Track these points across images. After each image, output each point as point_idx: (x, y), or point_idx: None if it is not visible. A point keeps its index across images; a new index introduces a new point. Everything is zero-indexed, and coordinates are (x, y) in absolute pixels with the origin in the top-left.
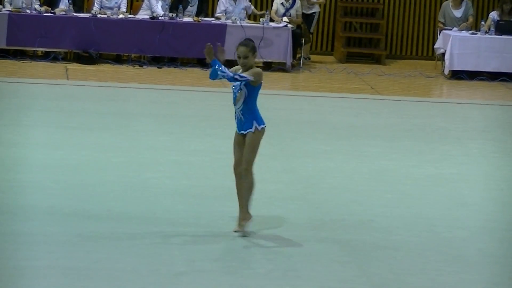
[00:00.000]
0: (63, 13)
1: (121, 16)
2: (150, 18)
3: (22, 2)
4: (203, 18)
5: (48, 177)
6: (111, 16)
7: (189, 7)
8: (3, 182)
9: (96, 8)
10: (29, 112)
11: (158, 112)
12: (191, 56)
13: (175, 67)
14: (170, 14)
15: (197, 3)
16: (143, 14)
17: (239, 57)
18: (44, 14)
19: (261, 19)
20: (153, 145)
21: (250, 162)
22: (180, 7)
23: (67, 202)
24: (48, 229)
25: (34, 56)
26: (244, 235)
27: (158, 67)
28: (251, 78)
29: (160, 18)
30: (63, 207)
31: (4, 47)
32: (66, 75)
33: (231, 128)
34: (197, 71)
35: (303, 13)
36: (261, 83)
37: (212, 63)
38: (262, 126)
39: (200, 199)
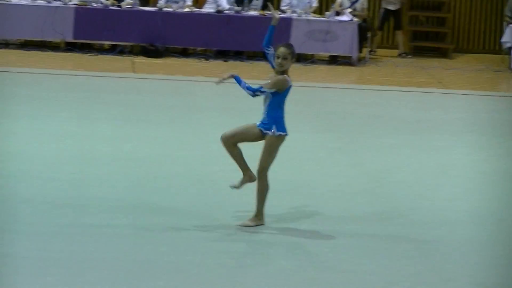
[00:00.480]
0: (129, 6)
1: (187, 9)
2: (216, 11)
3: None
4: (268, 12)
5: (116, 171)
6: (177, 10)
7: (254, 0)
8: (72, 175)
9: (162, 1)
10: (96, 106)
11: (224, 106)
12: (257, 49)
13: (241, 61)
14: (236, 8)
15: None
16: (208, 8)
17: (278, 57)
18: (111, 8)
19: (326, 13)
20: (217, 138)
21: (265, 167)
22: (246, 0)
23: (134, 195)
24: (116, 221)
25: (100, 50)
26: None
27: (224, 61)
28: (269, 91)
29: (225, 11)
30: (130, 200)
31: (71, 40)
32: (133, 68)
33: (296, 122)
34: (263, 64)
35: (388, 9)
36: (288, 89)
37: (236, 79)
38: (281, 133)
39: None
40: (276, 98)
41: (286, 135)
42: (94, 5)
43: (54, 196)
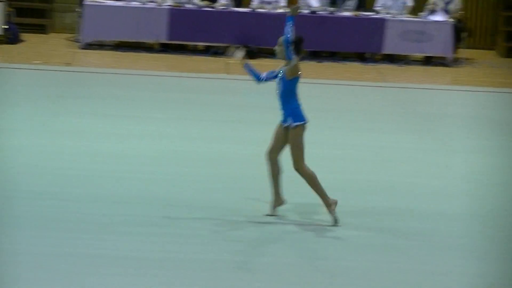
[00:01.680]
0: (223, 7)
1: (280, 10)
2: (310, 12)
3: None
4: (362, 12)
5: (212, 171)
6: (270, 10)
7: (348, 1)
8: (163, 175)
9: (255, 2)
10: (190, 106)
11: (318, 107)
12: (351, 50)
13: (334, 61)
14: (329, 8)
15: None
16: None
17: (277, 44)
18: (204, 9)
19: (420, 13)
20: (315, 140)
21: (297, 160)
22: (340, 1)
23: (228, 196)
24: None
25: (194, 51)
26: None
27: (318, 62)
28: (289, 79)
29: (319, 12)
30: (224, 201)
31: (166, 41)
32: (226, 69)
33: (391, 123)
34: (356, 65)
35: None
36: (297, 77)
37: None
38: (298, 123)
39: (355, 193)
40: (288, 87)
41: (305, 123)
42: (188, 6)
43: (153, 195)
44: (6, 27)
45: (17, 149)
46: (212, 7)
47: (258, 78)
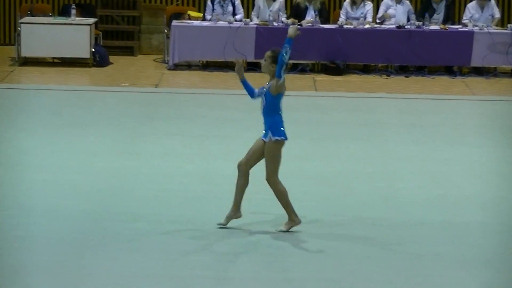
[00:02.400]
0: (310, 24)
1: (367, 26)
2: (397, 27)
3: (269, 15)
4: (449, 26)
5: (300, 189)
6: (357, 27)
7: (435, 14)
8: (256, 195)
9: (342, 18)
10: None
11: (407, 122)
12: (439, 64)
13: (422, 76)
14: (417, 23)
15: (443, 11)
16: (390, 24)
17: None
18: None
19: (508, 25)
20: (402, 155)
21: (271, 173)
22: (426, 15)
23: (318, 213)
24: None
25: None
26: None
27: (405, 76)
28: (274, 94)
29: (406, 26)
30: (314, 218)
31: (253, 60)
32: (314, 86)
33: (478, 136)
34: (445, 79)
35: None
36: (281, 94)
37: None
38: (277, 138)
39: (454, 208)
40: (271, 103)
41: (284, 140)
42: (275, 24)
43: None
44: (94, 50)
45: (107, 171)
46: (300, 25)
47: (252, 95)
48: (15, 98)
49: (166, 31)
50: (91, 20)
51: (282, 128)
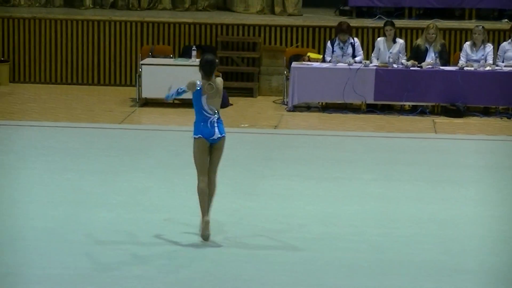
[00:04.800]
0: (430, 66)
1: (488, 68)
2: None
3: (389, 57)
4: None
5: (420, 232)
6: (478, 69)
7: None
8: (373, 236)
9: (462, 60)
10: (398, 166)
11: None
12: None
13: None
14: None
15: None
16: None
17: None
18: (411, 68)
19: None
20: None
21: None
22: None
23: (440, 257)
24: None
25: (401, 110)
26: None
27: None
28: (183, 88)
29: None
30: (437, 262)
31: (372, 102)
32: (434, 128)
33: None
34: None
35: None
36: (195, 92)
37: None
38: (194, 136)
39: None
40: (193, 100)
41: (196, 137)
42: (395, 66)
43: (356, 258)
44: None
45: (226, 212)
46: (419, 67)
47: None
48: (136, 139)
49: (285, 72)
50: None
51: (197, 127)
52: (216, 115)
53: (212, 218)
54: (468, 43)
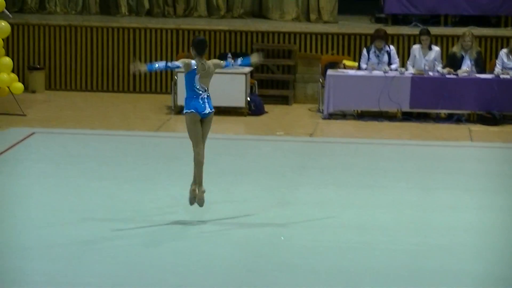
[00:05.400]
0: (466, 74)
1: None
2: None
3: (424, 65)
4: None
5: (456, 240)
6: None
7: None
8: (409, 245)
9: (498, 68)
10: (434, 175)
11: None
12: None
13: None
14: None
15: None
16: None
17: None
18: (447, 76)
19: None
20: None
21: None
22: None
23: (476, 266)
24: None
25: (437, 118)
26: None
27: None
28: (177, 64)
29: None
30: (473, 271)
31: (407, 109)
32: (470, 136)
33: None
34: None
35: None
36: (190, 72)
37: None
38: (186, 111)
39: None
40: (185, 80)
41: (189, 112)
42: (430, 73)
43: (392, 267)
44: (249, 99)
45: (261, 220)
46: (455, 74)
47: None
48: (171, 146)
49: (321, 80)
50: (247, 69)
51: (188, 103)
52: (206, 92)
53: (248, 226)
54: (504, 50)
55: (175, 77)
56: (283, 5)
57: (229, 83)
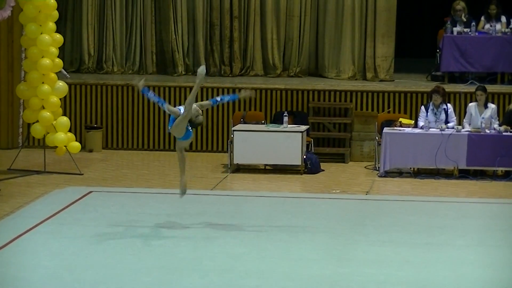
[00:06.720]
0: None
1: None
2: None
3: (481, 122)
4: None
5: None
6: None
7: None
8: None
9: None
10: (493, 232)
11: None
12: None
13: None
14: None
15: None
16: None
17: None
18: (504, 134)
19: None
20: None
21: None
22: None
23: None
24: None
25: (494, 176)
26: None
27: None
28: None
29: None
30: None
31: (464, 167)
32: None
33: None
34: None
35: None
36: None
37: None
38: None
39: None
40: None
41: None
42: (487, 131)
43: None
44: (305, 157)
45: (319, 278)
46: (511, 132)
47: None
48: (228, 204)
49: (377, 138)
50: (303, 128)
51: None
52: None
53: (306, 285)
54: None
55: (231, 135)
56: (340, 63)
57: (285, 142)
